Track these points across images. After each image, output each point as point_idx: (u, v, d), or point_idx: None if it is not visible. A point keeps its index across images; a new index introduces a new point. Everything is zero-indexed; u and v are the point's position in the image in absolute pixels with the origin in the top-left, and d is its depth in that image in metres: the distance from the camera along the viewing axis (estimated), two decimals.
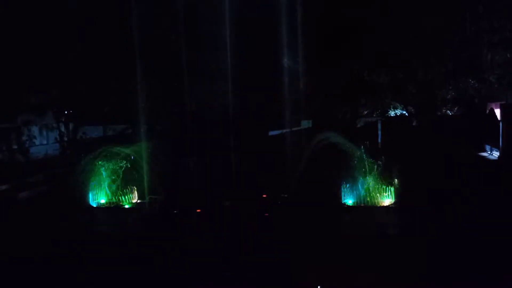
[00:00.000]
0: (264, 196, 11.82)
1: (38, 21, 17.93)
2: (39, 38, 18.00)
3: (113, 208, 11.14)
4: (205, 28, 13.90)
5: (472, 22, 21.08)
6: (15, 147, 20.62)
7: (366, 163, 10.59)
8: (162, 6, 19.20)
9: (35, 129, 22.08)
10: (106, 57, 18.81)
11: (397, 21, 21.32)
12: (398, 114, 24.17)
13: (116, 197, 11.34)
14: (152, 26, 19.45)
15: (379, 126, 22.24)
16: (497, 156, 17.98)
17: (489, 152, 19.12)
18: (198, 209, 10.79)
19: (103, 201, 11.42)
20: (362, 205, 10.47)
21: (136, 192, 11.59)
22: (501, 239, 8.27)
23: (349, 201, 10.64)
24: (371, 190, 10.47)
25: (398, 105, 23.93)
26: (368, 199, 10.47)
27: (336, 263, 7.50)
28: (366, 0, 21.10)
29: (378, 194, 10.48)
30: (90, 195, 11.22)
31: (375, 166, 10.60)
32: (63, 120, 22.15)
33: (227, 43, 13.27)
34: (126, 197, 11.34)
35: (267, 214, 10.55)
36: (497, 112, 20.10)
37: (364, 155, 10.66)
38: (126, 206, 11.28)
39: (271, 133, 16.31)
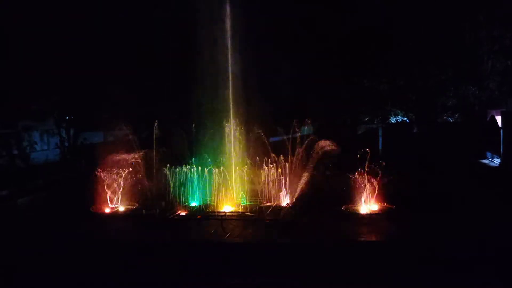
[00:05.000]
0: None
1: (39, 29, 18.02)
2: (40, 45, 18.08)
3: None
4: (205, 37, 13.95)
5: (472, 30, 21.15)
6: (15, 152, 20.56)
7: None
8: (160, 13, 19.40)
9: (36, 135, 22.02)
10: (106, 64, 18.88)
11: (397, 30, 21.40)
12: (399, 120, 24.14)
13: None
14: (152, 33, 19.56)
15: (380, 132, 22.21)
16: (498, 163, 17.93)
17: (490, 159, 19.06)
18: None
19: None
20: None
21: None
22: None
23: None
24: None
25: (399, 112, 23.91)
26: None
27: None
28: (367, 11, 21.19)
29: None
30: None
31: None
32: (64, 125, 22.10)
33: (228, 52, 13.27)
34: None
35: None
36: (498, 119, 20.04)
37: None
38: None
39: (273, 139, 16.27)
